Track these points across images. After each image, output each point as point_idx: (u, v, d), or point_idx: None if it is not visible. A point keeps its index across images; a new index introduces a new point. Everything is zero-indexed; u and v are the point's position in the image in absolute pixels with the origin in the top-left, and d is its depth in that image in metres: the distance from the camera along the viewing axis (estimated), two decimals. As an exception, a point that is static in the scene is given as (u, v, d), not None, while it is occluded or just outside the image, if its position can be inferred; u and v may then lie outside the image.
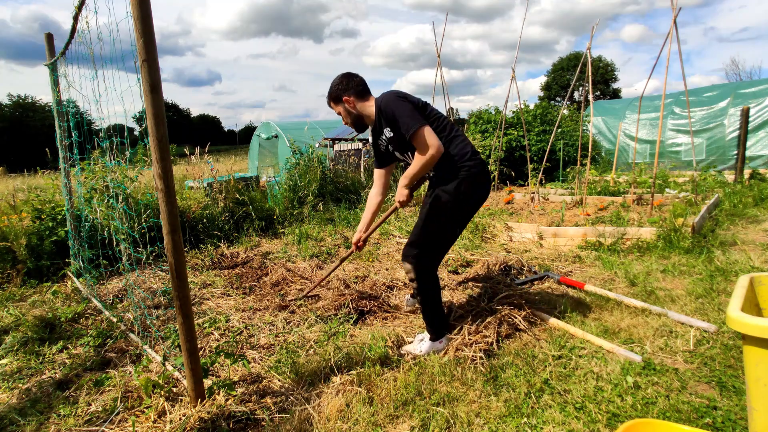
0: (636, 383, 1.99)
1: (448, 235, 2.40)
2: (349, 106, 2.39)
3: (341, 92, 2.38)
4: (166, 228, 1.75)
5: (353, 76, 2.40)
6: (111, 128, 2.50)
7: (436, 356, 2.31)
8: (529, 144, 9.15)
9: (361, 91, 2.39)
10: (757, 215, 5.21)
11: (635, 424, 1.33)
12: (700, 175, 7.52)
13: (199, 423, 1.84)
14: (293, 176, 6.54)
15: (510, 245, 4.49)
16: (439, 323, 2.40)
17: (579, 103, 16.08)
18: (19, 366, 2.47)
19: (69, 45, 3.05)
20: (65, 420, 1.97)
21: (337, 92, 2.39)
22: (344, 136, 10.09)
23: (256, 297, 3.33)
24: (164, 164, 1.70)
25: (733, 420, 1.72)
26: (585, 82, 6.33)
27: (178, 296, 1.81)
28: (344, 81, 2.38)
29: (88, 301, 3.31)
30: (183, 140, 46.22)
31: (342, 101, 2.39)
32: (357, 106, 2.39)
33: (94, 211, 3.70)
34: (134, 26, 1.62)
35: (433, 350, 2.37)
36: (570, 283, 3.25)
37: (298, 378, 2.18)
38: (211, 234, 5.06)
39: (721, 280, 3.18)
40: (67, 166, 3.72)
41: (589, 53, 5.75)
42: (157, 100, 1.67)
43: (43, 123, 36.30)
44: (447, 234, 2.39)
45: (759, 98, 9.68)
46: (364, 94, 2.39)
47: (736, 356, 2.17)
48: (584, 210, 5.69)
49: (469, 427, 1.78)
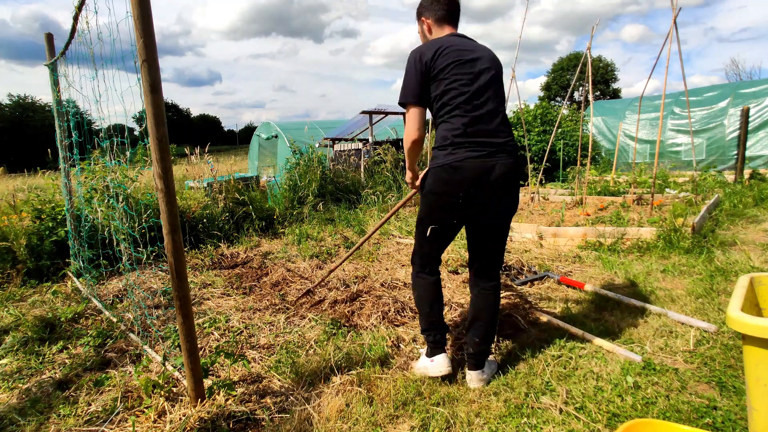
0: (636, 383, 1.99)
1: (423, 233, 2.08)
2: (425, 29, 2.11)
3: (421, 10, 2.11)
4: (166, 228, 1.75)
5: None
6: (111, 128, 2.50)
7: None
8: (529, 144, 9.15)
9: (442, 17, 2.04)
10: (757, 215, 5.21)
11: (635, 424, 1.33)
12: (700, 175, 7.52)
13: (199, 423, 1.84)
14: (293, 176, 6.54)
15: (510, 245, 4.49)
16: (430, 337, 2.11)
17: (579, 103, 16.09)
18: (19, 366, 2.47)
19: (69, 45, 3.05)
20: (65, 420, 1.96)
21: (418, 8, 2.12)
22: (344, 136, 10.09)
23: (256, 297, 3.33)
24: (164, 164, 1.70)
25: (733, 420, 1.72)
26: (585, 82, 6.33)
27: (178, 296, 1.81)
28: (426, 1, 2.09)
29: (88, 301, 3.31)
30: (183, 140, 46.25)
31: (420, 20, 2.12)
32: (430, 35, 2.09)
33: (94, 211, 3.70)
34: (134, 26, 1.62)
35: (421, 369, 2.12)
36: (570, 283, 3.25)
37: (298, 378, 2.18)
38: (211, 234, 5.06)
39: (721, 280, 3.18)
40: (67, 166, 3.72)
41: (589, 53, 5.75)
42: (157, 100, 1.67)
43: (43, 123, 36.30)
44: (423, 232, 2.08)
45: (759, 98, 9.68)
46: (442, 22, 2.05)
47: (736, 356, 2.17)
48: (584, 210, 5.69)
49: (469, 427, 1.78)
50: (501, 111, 1.97)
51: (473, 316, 2.11)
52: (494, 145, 1.91)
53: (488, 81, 1.94)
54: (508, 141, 1.96)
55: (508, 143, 1.96)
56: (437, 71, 1.90)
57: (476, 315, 2.10)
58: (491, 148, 1.90)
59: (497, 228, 2.04)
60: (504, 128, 1.96)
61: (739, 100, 9.86)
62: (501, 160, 1.90)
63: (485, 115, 1.91)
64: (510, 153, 1.95)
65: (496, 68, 1.98)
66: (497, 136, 1.92)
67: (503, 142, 1.93)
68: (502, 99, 2.00)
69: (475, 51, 1.96)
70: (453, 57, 1.91)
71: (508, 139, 1.96)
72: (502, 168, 1.90)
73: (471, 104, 1.90)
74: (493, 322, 2.10)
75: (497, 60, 2.02)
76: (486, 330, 2.08)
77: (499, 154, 1.91)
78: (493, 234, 2.05)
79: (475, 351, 2.07)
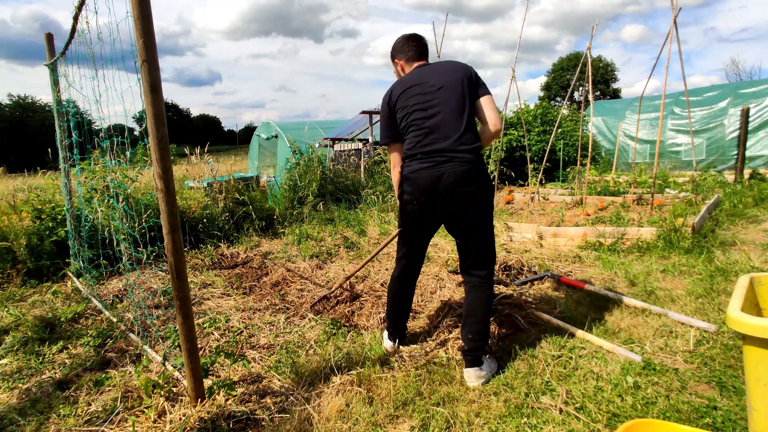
0: (636, 383, 1.99)
1: (399, 236, 2.35)
2: (399, 69, 2.34)
3: (393, 53, 2.35)
4: (166, 228, 1.75)
5: (412, 40, 2.29)
6: (111, 128, 2.50)
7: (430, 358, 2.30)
8: (529, 144, 9.15)
9: (411, 57, 2.27)
10: (757, 215, 5.21)
11: (635, 424, 1.33)
12: (700, 175, 7.52)
13: (199, 423, 1.84)
14: (293, 176, 6.54)
15: (510, 245, 4.49)
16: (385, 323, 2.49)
17: (579, 103, 16.09)
18: (19, 366, 2.47)
19: (69, 45, 3.05)
20: (65, 420, 1.97)
21: (391, 51, 2.36)
22: (344, 136, 10.09)
23: (256, 297, 3.33)
24: (164, 164, 1.70)
25: (733, 420, 1.72)
26: (585, 82, 6.33)
27: (178, 296, 1.81)
28: (401, 42, 2.31)
29: (88, 301, 3.31)
30: (183, 140, 46.27)
31: (394, 62, 2.35)
32: (404, 72, 2.31)
33: (94, 211, 3.70)
34: (134, 26, 1.62)
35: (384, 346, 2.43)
36: (570, 283, 3.25)
37: (298, 378, 2.18)
38: (211, 234, 5.06)
39: (721, 280, 3.18)
40: (67, 166, 3.72)
41: (589, 53, 5.75)
42: (157, 100, 1.67)
43: (43, 123, 36.31)
44: (398, 236, 2.35)
45: (759, 98, 9.68)
46: (412, 60, 2.28)
47: (736, 356, 2.17)
48: (584, 210, 5.69)
49: (469, 427, 1.78)
50: (457, 120, 2.06)
51: (465, 313, 2.19)
52: (444, 155, 2.03)
53: (442, 98, 2.08)
54: (462, 149, 2.03)
55: (462, 151, 2.03)
56: (400, 106, 2.15)
57: (468, 312, 2.18)
58: (441, 158, 2.04)
59: (469, 230, 2.14)
60: (459, 136, 2.04)
61: (739, 100, 9.86)
62: (450, 169, 2.02)
63: (438, 127, 2.06)
64: (462, 161, 2.02)
65: (451, 82, 2.09)
66: (450, 146, 2.03)
67: (455, 150, 2.03)
68: (459, 108, 2.07)
69: (434, 75, 2.13)
70: (414, 90, 2.13)
71: (463, 148, 2.03)
72: (451, 177, 2.02)
73: (425, 121, 2.09)
74: (484, 319, 2.14)
75: (457, 72, 2.11)
76: (478, 326, 2.13)
77: (448, 164, 2.03)
78: (467, 236, 2.16)
79: (469, 348, 2.11)
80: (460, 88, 2.08)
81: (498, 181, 7.89)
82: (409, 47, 2.28)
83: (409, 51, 2.28)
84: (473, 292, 2.18)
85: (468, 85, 2.09)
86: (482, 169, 2.08)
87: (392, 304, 2.41)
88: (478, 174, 2.06)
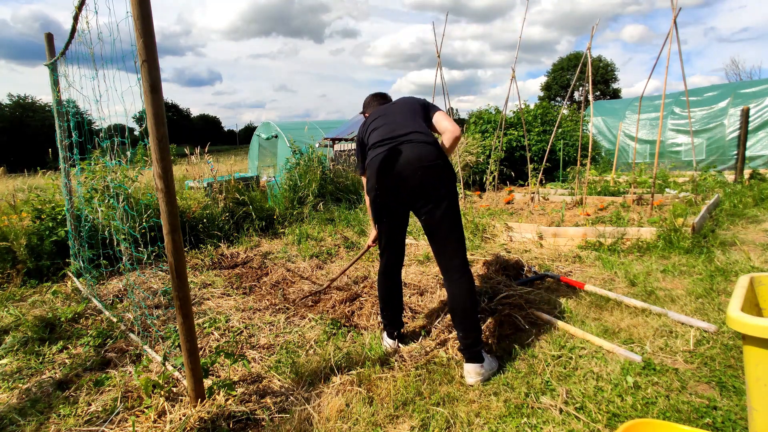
0: (636, 383, 1.99)
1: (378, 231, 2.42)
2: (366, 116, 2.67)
3: (364, 109, 2.76)
4: (166, 228, 1.75)
5: (374, 96, 2.72)
6: (111, 128, 2.50)
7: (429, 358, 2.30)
8: (530, 144, 9.15)
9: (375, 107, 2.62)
10: (757, 215, 5.21)
11: (635, 424, 1.33)
12: (700, 175, 7.52)
13: (199, 423, 1.84)
14: (293, 176, 6.54)
15: (510, 245, 4.49)
16: (381, 319, 2.56)
17: (579, 103, 16.09)
18: (19, 366, 2.47)
19: (69, 45, 3.05)
20: (65, 420, 1.97)
21: (363, 105, 2.76)
22: (344, 136, 10.09)
23: (256, 297, 3.33)
24: (164, 164, 1.70)
25: (733, 420, 1.72)
26: (585, 82, 6.33)
27: (178, 296, 1.81)
28: (368, 99, 2.73)
29: (88, 301, 3.31)
30: (183, 140, 46.26)
31: (364, 114, 2.77)
32: None
33: (95, 211, 3.70)
34: (134, 26, 1.62)
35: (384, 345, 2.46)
36: (570, 283, 3.25)
37: (298, 378, 2.18)
38: (211, 234, 5.06)
39: (721, 280, 3.18)
40: (68, 166, 3.72)
41: (589, 53, 5.75)
42: (157, 100, 1.67)
43: (43, 123, 36.32)
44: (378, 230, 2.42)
45: (759, 98, 9.67)
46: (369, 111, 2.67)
47: (736, 356, 2.17)
48: (584, 210, 5.69)
49: (469, 427, 1.78)
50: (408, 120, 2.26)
51: (451, 309, 2.19)
52: (396, 139, 2.17)
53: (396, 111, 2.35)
54: (412, 132, 2.18)
55: (416, 133, 2.17)
56: (367, 133, 2.38)
57: (452, 309, 2.18)
58: (394, 141, 2.17)
59: (434, 212, 2.13)
60: (410, 126, 2.21)
61: (739, 100, 9.86)
62: (407, 147, 2.12)
63: (392, 124, 2.26)
64: (418, 141, 2.14)
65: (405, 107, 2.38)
66: (401, 132, 2.19)
67: (406, 133, 2.17)
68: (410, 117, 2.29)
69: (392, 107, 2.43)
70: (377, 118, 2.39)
71: (412, 131, 2.18)
72: (408, 153, 2.10)
73: (380, 123, 2.32)
74: (468, 313, 2.12)
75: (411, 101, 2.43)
76: (464, 322, 2.12)
77: (405, 144, 2.14)
78: (432, 221, 2.14)
79: (463, 345, 2.12)
80: (412, 108, 2.35)
81: (498, 181, 7.89)
82: (375, 103, 2.67)
83: (375, 106, 2.64)
84: (451, 288, 2.16)
85: (420, 109, 2.34)
86: (440, 150, 2.14)
87: (383, 300, 2.47)
88: (437, 153, 2.12)
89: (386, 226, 2.33)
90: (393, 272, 2.45)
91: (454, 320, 2.19)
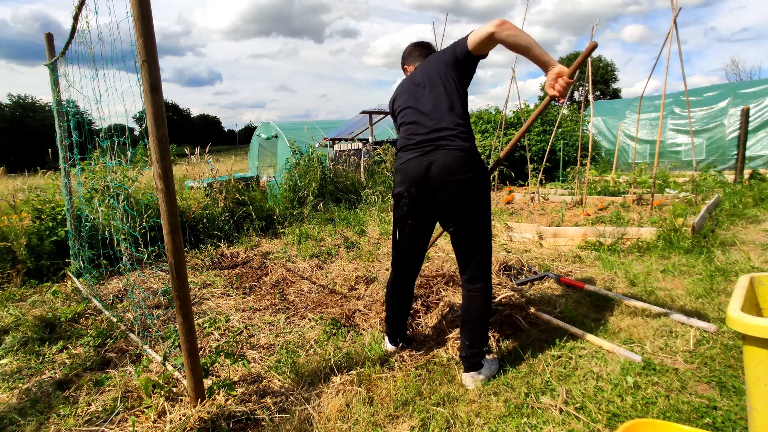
0: (636, 383, 1.98)
1: (393, 235, 2.26)
2: (407, 72, 2.40)
3: (403, 62, 2.43)
4: (166, 228, 1.75)
5: (414, 45, 2.40)
6: (111, 128, 2.50)
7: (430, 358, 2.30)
8: (529, 144, 9.15)
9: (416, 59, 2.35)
10: (757, 215, 5.21)
11: (635, 424, 1.33)
12: (700, 175, 7.52)
13: (199, 423, 1.84)
14: (293, 176, 6.54)
15: (510, 245, 4.49)
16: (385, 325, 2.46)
17: (579, 103, 16.09)
18: (19, 366, 2.47)
19: (69, 45, 3.05)
20: (65, 420, 1.96)
21: (402, 60, 2.44)
22: (344, 136, 10.09)
23: (256, 297, 3.33)
24: (164, 164, 1.70)
25: (733, 420, 1.72)
26: (585, 82, 6.33)
27: (178, 296, 1.81)
28: (408, 49, 2.41)
29: (88, 301, 3.31)
30: (183, 140, 46.28)
31: (404, 69, 2.43)
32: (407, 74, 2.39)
33: (95, 211, 3.70)
34: (134, 26, 1.62)
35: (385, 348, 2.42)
36: (570, 283, 3.25)
37: (298, 378, 2.18)
38: (211, 234, 5.06)
39: (721, 280, 3.18)
40: (68, 166, 3.72)
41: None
42: (157, 100, 1.67)
43: (43, 123, 36.32)
44: (393, 234, 2.26)
45: (759, 98, 9.68)
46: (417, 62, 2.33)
47: (736, 356, 2.17)
48: (584, 210, 5.69)
49: (469, 427, 1.78)
50: (442, 106, 2.01)
51: (462, 319, 2.14)
52: (429, 143, 1.99)
53: (427, 92, 2.07)
54: (446, 132, 1.97)
55: (446, 136, 1.96)
56: (397, 108, 2.22)
57: (464, 317, 2.13)
58: (427, 146, 1.99)
59: (461, 232, 2.05)
60: (443, 120, 1.99)
61: (739, 100, 9.86)
62: (439, 156, 1.95)
63: (424, 118, 2.04)
64: (449, 149, 1.95)
65: (433, 77, 2.08)
66: (434, 135, 1.99)
67: (439, 135, 1.97)
68: (443, 101, 2.03)
69: (420, 74, 2.15)
70: (405, 89, 2.19)
71: (446, 130, 1.97)
72: (440, 164, 1.95)
73: (413, 115, 2.09)
74: (479, 325, 2.08)
75: (437, 64, 2.10)
76: (473, 333, 2.08)
77: (437, 151, 1.96)
78: (460, 235, 2.06)
79: (465, 354, 2.09)
80: (440, 81, 2.06)
81: (498, 181, 7.89)
82: (416, 52, 2.38)
83: (418, 57, 2.35)
84: (468, 299, 2.10)
85: (448, 70, 2.05)
86: (474, 157, 1.98)
87: (390, 310, 2.36)
88: (471, 161, 1.96)
89: (410, 233, 2.17)
90: (408, 282, 2.32)
91: (462, 328, 2.12)
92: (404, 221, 2.15)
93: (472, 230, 2.04)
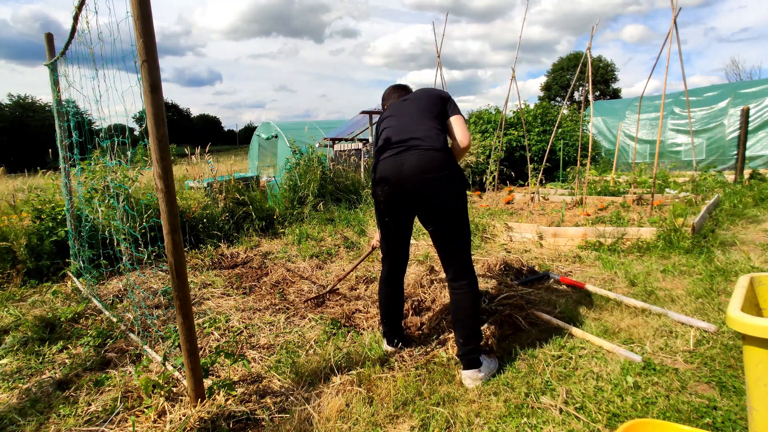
0: (636, 383, 1.99)
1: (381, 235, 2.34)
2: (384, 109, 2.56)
3: (382, 102, 2.58)
4: (166, 228, 1.75)
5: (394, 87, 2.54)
6: (111, 128, 2.50)
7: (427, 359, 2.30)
8: (529, 144, 9.15)
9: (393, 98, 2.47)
10: (757, 215, 5.21)
11: (635, 424, 1.33)
12: (700, 175, 7.52)
13: (199, 423, 1.84)
14: (293, 176, 6.54)
15: (510, 245, 4.49)
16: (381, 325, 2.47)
17: (579, 103, 16.09)
18: (19, 366, 2.47)
19: (69, 45, 3.05)
20: (65, 420, 1.97)
21: (382, 98, 2.60)
22: (344, 136, 10.09)
23: (256, 297, 3.33)
24: (164, 164, 1.70)
25: (733, 420, 1.72)
26: (585, 82, 6.33)
27: (178, 296, 1.81)
28: (388, 91, 2.55)
29: (88, 301, 3.31)
30: (183, 140, 46.29)
31: (383, 107, 2.58)
32: None
33: (95, 211, 3.70)
34: (134, 26, 1.62)
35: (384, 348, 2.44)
36: (570, 283, 3.25)
37: (298, 378, 2.18)
38: (211, 234, 5.06)
39: (721, 280, 3.18)
40: (68, 166, 3.72)
41: (589, 53, 5.75)
42: (157, 100, 1.67)
43: (43, 123, 36.31)
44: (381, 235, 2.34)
45: (759, 98, 9.68)
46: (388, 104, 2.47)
47: (736, 356, 2.17)
48: (584, 210, 5.69)
49: (469, 427, 1.78)
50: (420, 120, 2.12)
51: (453, 318, 2.17)
52: (404, 143, 2.07)
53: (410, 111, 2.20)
54: (421, 137, 2.06)
55: (421, 139, 2.05)
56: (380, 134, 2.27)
57: (455, 317, 2.16)
58: (401, 146, 2.07)
59: (439, 230, 2.10)
60: (420, 130, 2.08)
61: (739, 100, 9.86)
62: (412, 155, 2.03)
63: (404, 121, 2.16)
64: (426, 148, 2.02)
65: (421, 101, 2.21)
66: (409, 137, 2.08)
67: (414, 138, 2.06)
68: (424, 117, 2.14)
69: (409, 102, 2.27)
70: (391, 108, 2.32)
71: (421, 135, 2.06)
72: (413, 163, 2.01)
73: (392, 121, 2.21)
74: (470, 322, 2.10)
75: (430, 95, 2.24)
76: (466, 330, 2.10)
77: (410, 151, 2.04)
78: (438, 235, 2.12)
79: (462, 352, 2.10)
80: (428, 103, 2.19)
81: (498, 181, 7.89)
82: (395, 96, 2.50)
83: (395, 97, 2.48)
84: (455, 297, 2.14)
85: (439, 104, 2.18)
86: (449, 158, 2.04)
87: (384, 306, 2.40)
88: (445, 161, 2.02)
89: (389, 232, 2.26)
90: (395, 280, 2.38)
91: (455, 327, 2.16)
92: (382, 221, 2.25)
93: (449, 230, 2.09)
